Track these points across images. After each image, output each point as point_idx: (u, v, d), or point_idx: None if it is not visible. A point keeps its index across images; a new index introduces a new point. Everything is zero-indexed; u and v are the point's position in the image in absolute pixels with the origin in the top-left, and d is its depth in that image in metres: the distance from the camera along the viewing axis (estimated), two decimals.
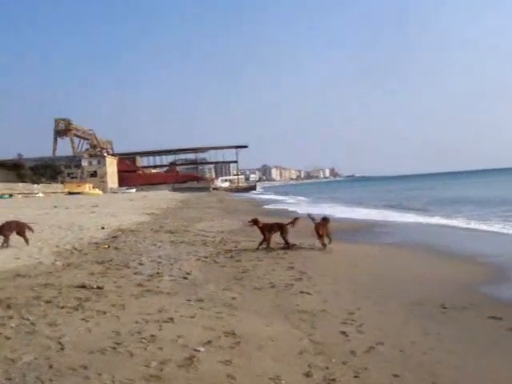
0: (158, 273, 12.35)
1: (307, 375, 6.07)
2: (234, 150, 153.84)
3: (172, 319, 8.17)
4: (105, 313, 8.54)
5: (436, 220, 29.21)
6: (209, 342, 7.06)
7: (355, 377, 6.05)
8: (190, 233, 22.20)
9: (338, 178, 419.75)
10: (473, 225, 25.82)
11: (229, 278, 11.82)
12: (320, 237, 16.61)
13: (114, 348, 6.76)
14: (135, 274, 12.24)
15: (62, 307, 8.87)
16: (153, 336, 7.23)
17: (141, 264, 13.67)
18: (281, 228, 16.86)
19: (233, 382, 5.81)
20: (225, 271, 12.77)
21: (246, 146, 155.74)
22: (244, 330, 7.74)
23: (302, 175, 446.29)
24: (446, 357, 6.73)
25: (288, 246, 16.36)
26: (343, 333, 7.68)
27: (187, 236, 20.76)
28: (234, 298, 9.87)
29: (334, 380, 5.91)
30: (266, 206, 53.53)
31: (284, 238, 16.63)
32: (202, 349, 6.76)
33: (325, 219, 17.24)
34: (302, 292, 10.37)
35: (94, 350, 6.64)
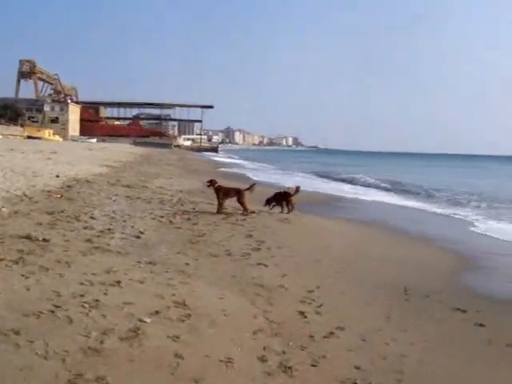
0: (109, 229, 11.61)
1: (262, 360, 5.53)
2: (199, 109, 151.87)
3: (119, 283, 7.50)
4: (47, 269, 7.80)
5: (399, 200, 29.00)
6: (157, 312, 6.43)
7: (313, 365, 5.53)
8: (148, 189, 21.38)
9: (300, 148, 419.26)
10: (433, 208, 25.68)
11: (184, 241, 11.19)
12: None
13: (52, 312, 6.06)
14: (85, 228, 11.48)
15: (1, 259, 8.11)
16: (96, 301, 6.54)
17: (92, 218, 12.89)
18: (238, 193, 16.17)
19: (179, 361, 5.21)
20: (180, 233, 12.12)
21: (211, 107, 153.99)
22: (196, 301, 7.14)
23: (265, 141, 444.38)
24: (409, 350, 6.27)
25: (246, 212, 15.74)
26: (301, 313, 7.16)
27: (144, 192, 19.94)
28: (187, 264, 9.26)
29: (290, 368, 5.37)
30: (225, 169, 52.81)
31: (242, 203, 15.96)
32: (148, 320, 6.12)
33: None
34: (259, 264, 9.80)
35: (30, 313, 5.93)
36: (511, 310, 8.57)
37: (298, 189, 17.30)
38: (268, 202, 17.16)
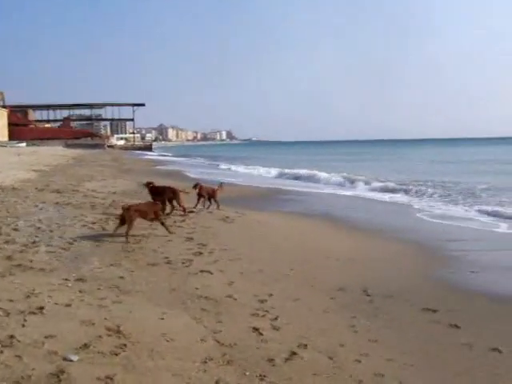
0: (34, 242, 10.33)
1: None
2: (130, 107, 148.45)
3: (41, 309, 6.35)
4: None
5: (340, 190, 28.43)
6: (85, 345, 5.33)
7: None
8: (79, 193, 19.91)
9: (234, 141, 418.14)
10: (378, 195, 25.20)
11: (118, 251, 10.04)
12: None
13: None
14: (6, 242, 10.16)
15: None
16: (11, 337, 5.37)
17: (15, 230, 11.54)
18: (173, 193, 15.06)
19: None
20: (114, 241, 10.91)
21: (143, 104, 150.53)
22: (132, 324, 6.08)
23: (199, 137, 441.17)
24: (386, 367, 5.39)
25: (184, 213, 14.66)
26: (256, 330, 6.19)
27: (75, 197, 18.48)
28: (122, 278, 8.16)
29: None
30: (160, 167, 51.29)
31: (179, 204, 14.85)
32: (74, 357, 5.01)
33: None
34: (202, 271, 8.78)
35: None
36: (485, 306, 7.78)
37: (221, 185, 16.88)
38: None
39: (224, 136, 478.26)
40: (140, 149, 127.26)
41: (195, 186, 16.36)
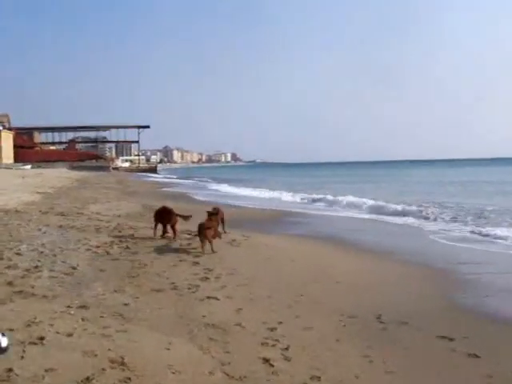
0: (36, 266, 10.06)
1: None
2: (135, 129, 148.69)
3: (42, 339, 6.06)
4: None
5: (347, 213, 28.07)
6: (88, 379, 5.04)
7: None
8: (83, 216, 19.68)
9: (239, 163, 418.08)
10: (386, 218, 24.88)
11: (122, 276, 9.76)
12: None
13: None
14: (8, 267, 9.90)
15: None
16: (9, 371, 5.09)
17: (18, 254, 11.27)
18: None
19: None
20: (118, 266, 10.65)
21: (147, 126, 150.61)
22: (137, 355, 5.79)
23: (204, 158, 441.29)
24: None
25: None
26: (266, 360, 5.88)
27: (79, 220, 18.24)
28: (126, 305, 7.87)
29: None
30: (166, 189, 51.06)
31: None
32: None
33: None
34: (209, 297, 8.49)
35: None
36: (502, 332, 7.44)
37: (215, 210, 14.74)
38: None
39: (229, 158, 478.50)
40: (145, 171, 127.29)
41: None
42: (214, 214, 13.94)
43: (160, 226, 14.48)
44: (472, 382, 5.65)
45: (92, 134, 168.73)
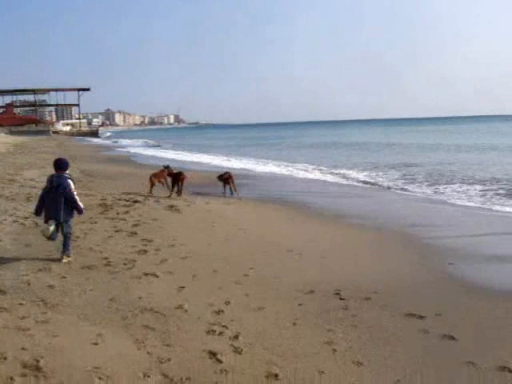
0: None
1: None
2: (76, 92, 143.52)
3: None
4: None
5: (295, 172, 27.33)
6: None
7: None
8: (15, 183, 18.09)
9: (182, 125, 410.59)
10: (328, 177, 24.22)
11: (49, 251, 8.54)
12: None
13: None
14: None
15: None
16: None
17: None
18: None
19: None
20: (46, 240, 9.44)
21: (88, 89, 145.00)
22: (57, 355, 4.70)
23: (147, 121, 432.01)
24: None
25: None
26: (213, 355, 4.87)
27: (10, 188, 16.68)
28: (51, 287, 6.74)
29: None
30: (108, 152, 49.13)
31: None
32: None
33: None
34: (147, 274, 7.42)
35: None
36: (475, 306, 6.52)
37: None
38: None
39: (172, 120, 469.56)
40: (86, 134, 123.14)
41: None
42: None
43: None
44: (451, 370, 4.76)
45: (30, 98, 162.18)
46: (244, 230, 10.88)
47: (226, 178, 16.98)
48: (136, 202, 13.31)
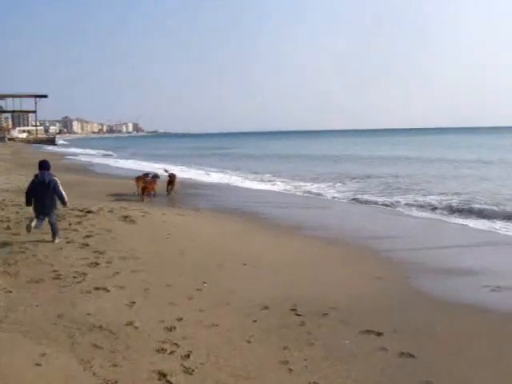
0: None
1: None
2: (33, 99, 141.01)
3: None
4: None
5: (244, 182, 27.14)
6: None
7: None
8: None
9: (141, 134, 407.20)
10: (282, 186, 24.17)
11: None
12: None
13: None
14: None
15: None
16: None
17: None
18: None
19: None
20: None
21: (45, 96, 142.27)
22: None
23: (105, 129, 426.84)
24: None
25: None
26: (163, 376, 4.66)
27: None
28: None
29: None
30: (65, 160, 48.15)
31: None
32: None
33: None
34: (97, 288, 7.14)
35: None
36: (432, 321, 6.38)
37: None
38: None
39: (130, 128, 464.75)
40: (43, 142, 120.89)
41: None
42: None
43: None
44: None
45: None
46: (199, 241, 10.58)
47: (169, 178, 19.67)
48: (89, 212, 12.92)
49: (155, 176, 18.70)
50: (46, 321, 5.91)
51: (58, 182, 10.01)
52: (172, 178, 19.70)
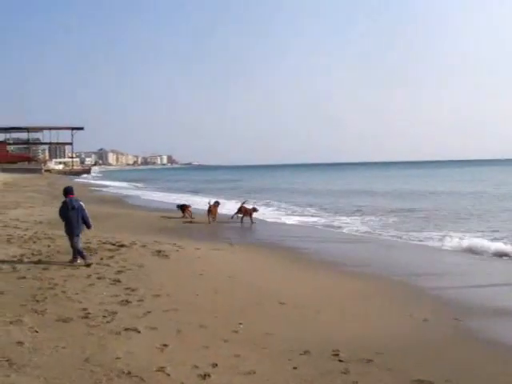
0: None
1: None
2: (69, 131, 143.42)
3: None
4: None
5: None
6: None
7: None
8: None
9: (175, 166, 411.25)
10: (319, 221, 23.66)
11: (25, 300, 7.89)
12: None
13: None
14: None
15: None
16: None
17: None
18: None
19: None
20: (22, 286, 8.76)
21: (81, 128, 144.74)
22: None
23: (139, 161, 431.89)
24: None
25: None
26: None
27: None
28: (20, 344, 6.05)
29: None
30: (99, 192, 48.49)
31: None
32: None
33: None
34: (127, 329, 6.74)
35: None
36: (492, 369, 5.82)
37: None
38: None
39: (165, 160, 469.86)
40: (78, 173, 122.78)
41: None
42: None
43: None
44: None
45: (24, 136, 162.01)
46: (234, 279, 10.14)
47: (183, 208, 23.35)
48: (122, 246, 12.65)
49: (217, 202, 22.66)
50: (72, 365, 5.53)
51: (83, 205, 11.15)
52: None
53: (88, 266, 10.36)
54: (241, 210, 22.21)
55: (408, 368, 5.75)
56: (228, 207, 26.95)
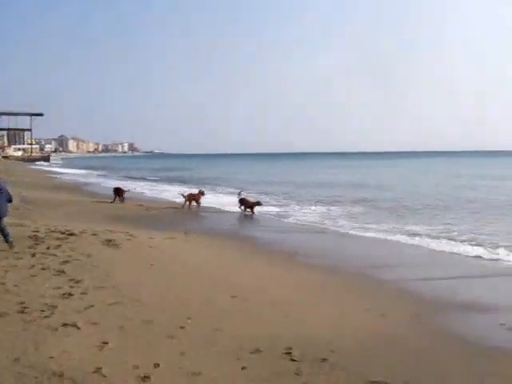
0: None
1: None
2: (28, 117, 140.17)
3: None
4: None
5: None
6: None
7: None
8: None
9: (136, 153, 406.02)
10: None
11: None
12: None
13: None
14: None
15: None
16: None
17: None
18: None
19: None
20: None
21: (41, 114, 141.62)
22: None
23: (100, 148, 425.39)
24: None
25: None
26: None
27: None
28: None
29: None
30: (59, 179, 47.39)
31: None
32: None
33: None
34: (65, 324, 6.26)
35: None
36: (456, 373, 5.51)
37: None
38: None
39: (126, 148, 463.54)
40: (37, 160, 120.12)
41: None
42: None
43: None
44: None
45: None
46: (186, 270, 9.71)
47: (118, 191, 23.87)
48: (71, 234, 12.04)
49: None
50: (0, 366, 5.05)
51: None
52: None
53: (11, 247, 10.42)
54: (243, 202, 21.91)
55: (364, 368, 5.43)
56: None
